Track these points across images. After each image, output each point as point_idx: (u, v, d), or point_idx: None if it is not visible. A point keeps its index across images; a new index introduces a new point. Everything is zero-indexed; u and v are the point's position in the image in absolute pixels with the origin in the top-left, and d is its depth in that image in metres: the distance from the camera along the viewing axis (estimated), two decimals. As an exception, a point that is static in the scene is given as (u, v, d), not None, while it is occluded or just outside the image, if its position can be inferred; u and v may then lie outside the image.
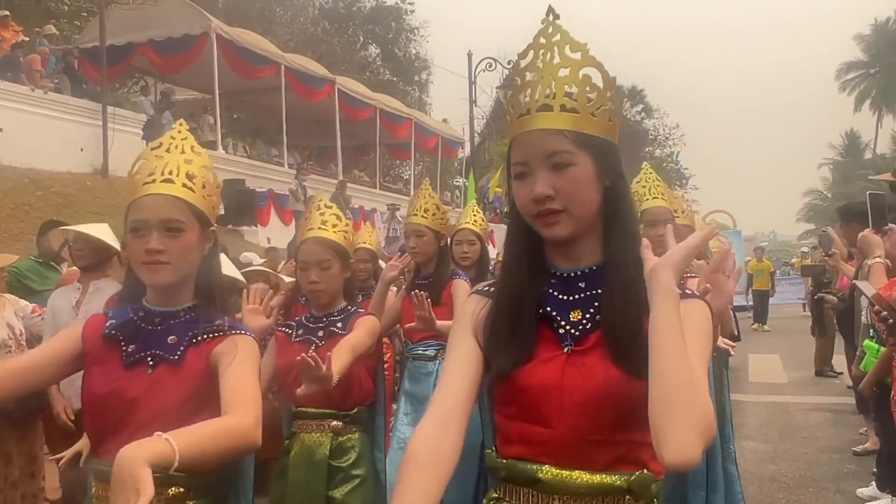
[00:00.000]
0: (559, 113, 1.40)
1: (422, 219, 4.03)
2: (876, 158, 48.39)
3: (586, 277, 1.47)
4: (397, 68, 38.91)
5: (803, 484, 5.69)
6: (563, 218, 1.40)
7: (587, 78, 1.42)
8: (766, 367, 11.64)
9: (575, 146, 1.39)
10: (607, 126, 1.43)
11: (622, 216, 1.45)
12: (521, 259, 1.49)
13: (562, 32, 1.44)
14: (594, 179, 1.41)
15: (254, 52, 18.87)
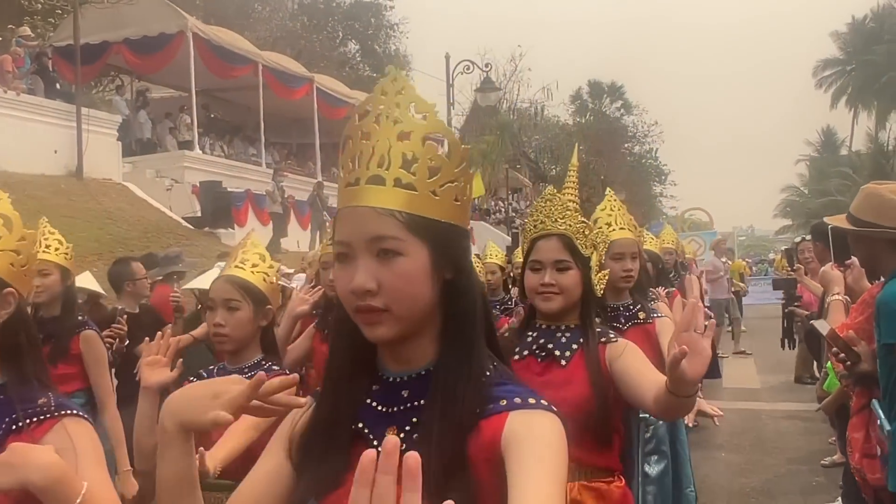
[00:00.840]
0: (392, 189, 1.17)
1: None
2: (852, 155, 48.91)
3: (411, 385, 1.23)
4: (377, 65, 38.79)
5: (772, 498, 5.77)
6: (386, 318, 1.17)
7: (431, 147, 1.19)
8: (740, 371, 11.75)
9: (407, 232, 1.16)
10: (453, 208, 1.20)
11: (461, 315, 1.22)
12: (343, 360, 1.27)
13: (407, 87, 1.22)
14: (428, 273, 1.17)
15: (231, 50, 18.75)
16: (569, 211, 2.30)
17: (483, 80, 16.64)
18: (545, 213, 2.32)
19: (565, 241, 2.27)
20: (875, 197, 2.69)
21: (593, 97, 47.83)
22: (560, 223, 2.28)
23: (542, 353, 2.26)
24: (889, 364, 2.64)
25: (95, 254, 11.02)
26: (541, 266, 2.27)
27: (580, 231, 2.29)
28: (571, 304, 2.26)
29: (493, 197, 38.52)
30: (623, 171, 42.91)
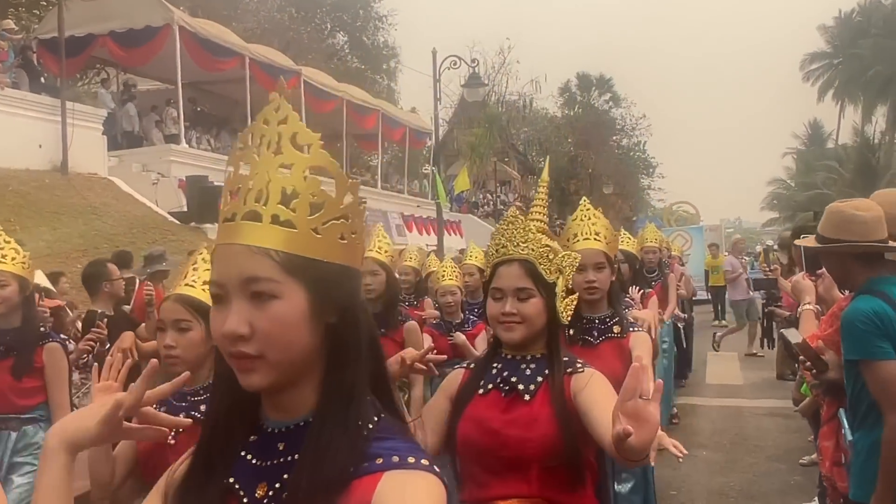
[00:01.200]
0: (269, 226, 1.09)
1: (376, 254, 3.94)
2: (838, 148, 49.18)
3: (289, 436, 1.14)
4: (365, 56, 38.72)
5: (750, 497, 5.84)
6: (260, 365, 1.08)
7: (314, 182, 1.12)
8: (724, 368, 11.85)
9: (283, 273, 1.08)
10: (337, 247, 1.13)
11: (343, 363, 1.14)
12: (221, 407, 1.18)
13: (290, 116, 1.14)
14: (306, 318, 1.10)
15: (217, 43, 18.64)
16: (531, 234, 2.17)
17: (470, 76, 16.64)
18: (507, 236, 2.19)
19: (527, 268, 2.13)
20: (838, 214, 2.73)
21: (582, 90, 47.86)
22: (522, 248, 2.15)
23: (507, 386, 2.11)
24: (852, 378, 2.69)
25: (80, 250, 10.99)
26: (502, 294, 2.13)
27: (543, 255, 2.15)
28: (535, 333, 2.13)
29: (482, 190, 38.55)
30: (611, 164, 42.99)
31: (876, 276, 2.68)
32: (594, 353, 2.87)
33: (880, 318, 2.55)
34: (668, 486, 6.06)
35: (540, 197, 2.58)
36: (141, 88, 20.24)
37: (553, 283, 2.15)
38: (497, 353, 2.21)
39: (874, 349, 2.54)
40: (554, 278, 2.15)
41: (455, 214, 29.63)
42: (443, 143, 34.28)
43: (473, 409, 2.08)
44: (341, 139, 25.80)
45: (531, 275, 2.12)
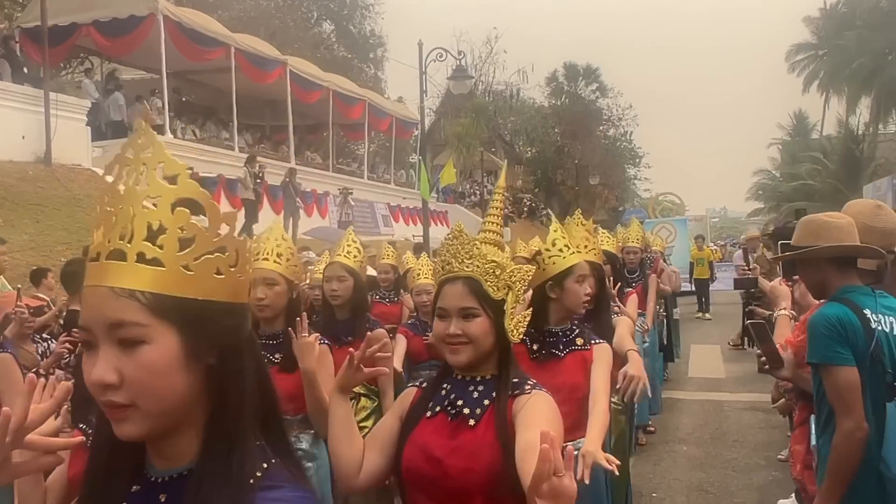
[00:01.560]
0: (134, 265, 1.02)
1: (274, 264, 3.22)
2: (822, 140, 49.47)
3: (171, 486, 1.07)
4: (352, 45, 38.55)
5: (729, 493, 5.93)
6: (132, 414, 1.02)
7: (182, 215, 1.05)
8: (707, 361, 11.96)
9: (151, 316, 1.01)
10: (213, 283, 1.05)
11: (224, 407, 1.07)
12: (101, 455, 1.11)
13: (155, 145, 1.07)
14: (181, 362, 1.03)
15: (202, 33, 18.56)
16: (476, 249, 2.04)
17: (456, 68, 16.63)
18: (452, 252, 2.08)
19: (472, 286, 2.01)
20: (812, 222, 2.81)
21: (569, 79, 47.83)
22: (467, 265, 2.03)
23: (453, 410, 2.00)
24: (816, 382, 2.76)
25: (64, 243, 10.95)
26: (447, 314, 2.02)
27: (490, 272, 2.03)
28: (483, 354, 2.01)
29: (468, 179, 38.55)
30: (597, 154, 43.09)
31: (849, 283, 2.74)
32: (560, 367, 2.91)
33: (843, 325, 2.61)
34: (648, 482, 6.14)
35: (495, 206, 2.43)
36: (125, 78, 20.12)
37: (501, 300, 2.03)
38: (448, 372, 2.09)
39: (833, 354, 2.61)
40: (502, 295, 2.04)
41: (441, 205, 29.66)
42: (430, 132, 34.29)
43: (419, 433, 2.00)
44: (327, 129, 25.75)
45: (476, 293, 2.01)
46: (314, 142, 27.69)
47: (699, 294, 17.73)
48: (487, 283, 2.02)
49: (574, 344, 3.00)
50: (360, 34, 39.03)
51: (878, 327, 2.63)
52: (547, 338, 2.99)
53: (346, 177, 25.05)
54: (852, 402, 2.57)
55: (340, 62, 35.14)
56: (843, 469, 2.58)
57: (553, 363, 2.93)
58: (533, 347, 2.96)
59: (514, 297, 2.07)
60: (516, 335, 2.05)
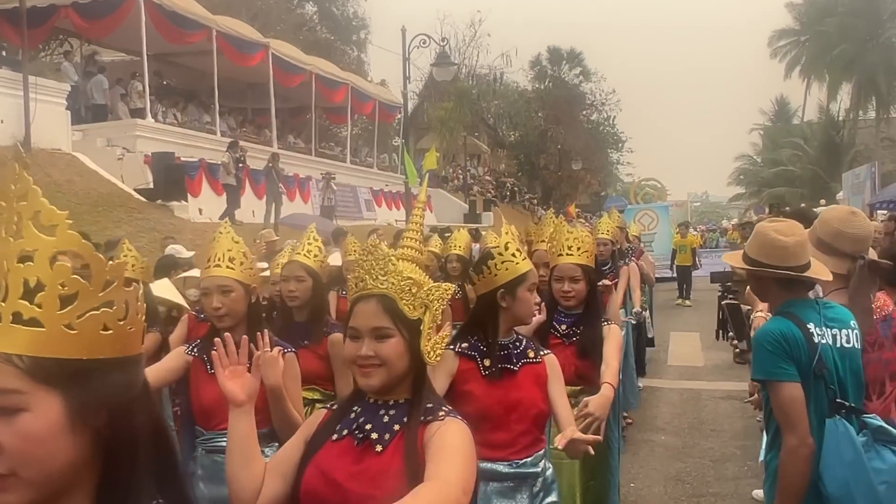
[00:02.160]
0: (10, 327, 0.94)
1: (227, 270, 3.04)
2: (803, 125, 49.80)
3: None
4: (335, 27, 38.32)
5: (705, 483, 6.04)
6: (13, 485, 0.95)
7: (62, 270, 0.96)
8: (686, 349, 12.10)
9: (29, 381, 0.94)
10: (100, 340, 0.98)
11: (115, 471, 1.01)
12: None
13: (31, 192, 0.99)
14: (65, 428, 0.96)
15: (183, 15, 18.39)
16: (391, 265, 1.93)
17: (439, 55, 16.60)
18: (366, 269, 1.95)
19: (385, 304, 1.90)
20: (762, 237, 2.78)
21: (552, 63, 47.78)
22: (381, 282, 1.91)
23: (360, 434, 1.89)
24: (764, 397, 2.78)
25: (44, 230, 10.87)
26: (358, 334, 1.91)
27: (406, 290, 1.92)
28: (396, 377, 1.90)
29: (452, 164, 38.51)
30: (581, 139, 43.18)
31: (793, 297, 2.75)
32: (515, 383, 2.74)
33: (787, 340, 2.61)
34: (626, 472, 6.23)
35: (414, 221, 2.30)
36: (105, 59, 19.90)
37: (417, 320, 1.92)
38: (360, 395, 1.97)
39: (777, 370, 2.60)
40: (418, 315, 1.93)
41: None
42: (413, 116, 34.18)
43: (323, 456, 1.89)
44: (310, 112, 25.63)
45: (389, 312, 1.89)
46: (297, 125, 27.56)
47: (680, 281, 17.87)
48: (403, 301, 1.91)
49: (526, 356, 2.81)
50: (342, 16, 38.79)
51: (822, 341, 2.63)
52: (499, 351, 2.78)
53: (329, 161, 24.98)
54: (796, 419, 2.56)
55: (323, 44, 34.92)
56: (792, 485, 2.59)
57: (507, 379, 2.74)
58: (484, 363, 2.75)
59: (432, 316, 1.95)
60: (433, 357, 1.93)
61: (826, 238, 3.00)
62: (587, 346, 3.50)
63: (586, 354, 3.51)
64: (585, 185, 45.66)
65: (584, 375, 3.51)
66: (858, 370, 2.70)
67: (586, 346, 3.52)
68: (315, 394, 3.64)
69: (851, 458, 2.55)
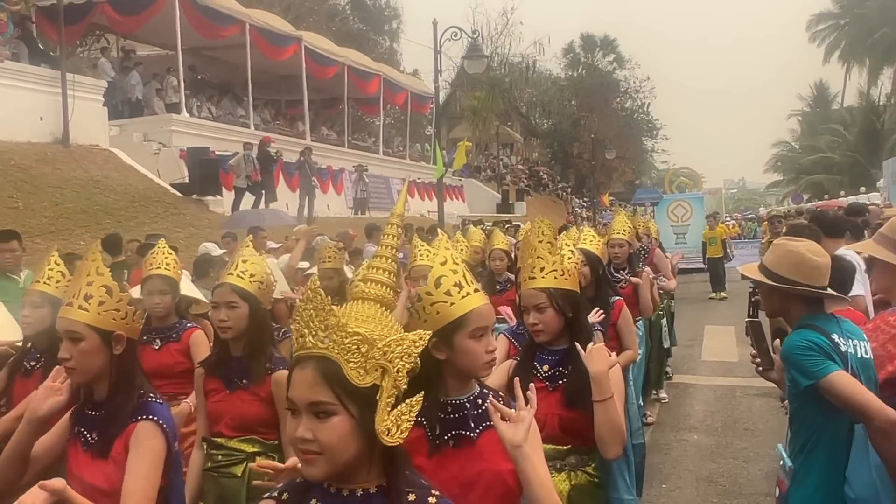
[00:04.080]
0: None
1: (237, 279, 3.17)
2: (843, 111, 48.86)
3: None
4: (367, 17, 38.37)
5: (737, 485, 5.99)
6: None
7: None
8: (720, 343, 11.96)
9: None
10: None
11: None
12: None
13: None
14: None
15: (217, 10, 18.56)
16: (333, 318, 1.49)
17: (470, 47, 16.58)
18: (305, 320, 1.51)
19: (326, 371, 1.46)
20: (794, 255, 2.79)
21: (586, 51, 47.44)
22: (322, 338, 1.48)
23: None
24: (796, 406, 2.79)
25: (83, 226, 11.10)
26: (296, 409, 1.48)
27: (353, 349, 1.48)
28: (346, 464, 1.49)
29: (484, 153, 38.44)
30: (614, 127, 42.85)
31: (812, 312, 2.79)
32: (473, 453, 2.05)
33: (815, 343, 2.65)
34: (658, 473, 6.22)
35: (386, 243, 1.81)
36: (140, 54, 20.17)
37: (371, 388, 1.48)
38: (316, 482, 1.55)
39: (820, 367, 2.61)
40: (372, 380, 1.48)
41: (457, 179, 29.63)
42: (445, 105, 34.15)
43: None
44: (342, 104, 25.75)
45: (331, 380, 1.46)
46: (329, 117, 27.70)
47: (712, 274, 17.63)
48: (350, 364, 1.47)
49: (489, 418, 2.03)
50: (374, 6, 38.84)
51: (848, 350, 2.68)
52: (449, 413, 2.09)
53: (362, 152, 25.09)
54: (863, 400, 2.56)
55: (355, 35, 35.00)
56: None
57: (464, 449, 2.07)
58: (430, 434, 2.08)
59: (393, 381, 1.51)
60: (395, 436, 1.49)
61: (893, 235, 3.10)
62: (574, 392, 2.70)
63: (574, 402, 2.70)
64: (619, 174, 45.34)
65: (573, 430, 2.73)
66: (875, 380, 2.75)
67: (573, 391, 2.72)
68: (254, 445, 3.09)
69: (878, 462, 2.61)
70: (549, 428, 2.64)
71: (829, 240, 4.98)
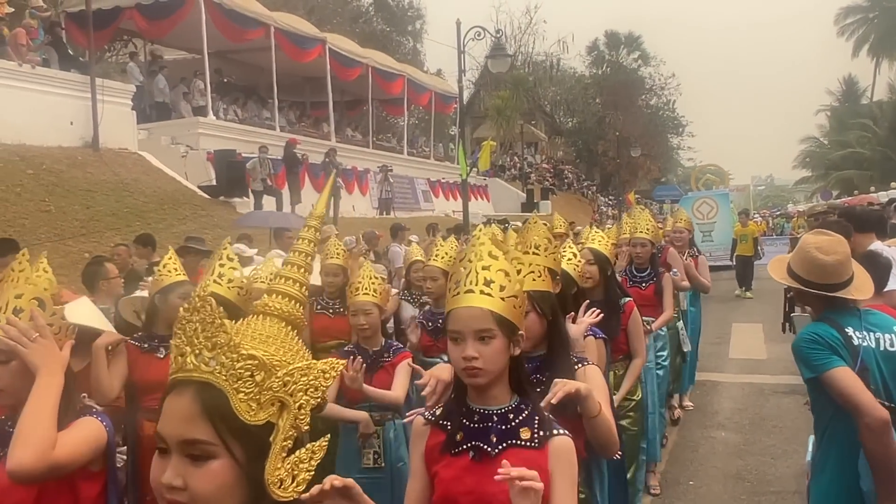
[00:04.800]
0: None
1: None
2: (872, 106, 48.19)
3: None
4: (390, 18, 38.51)
5: (765, 482, 5.96)
6: None
7: None
8: (748, 340, 11.88)
9: None
10: None
11: None
12: None
13: None
14: None
15: (242, 13, 18.76)
16: (224, 335, 1.18)
17: (494, 46, 16.60)
18: (188, 335, 1.20)
19: (206, 401, 1.15)
20: (804, 253, 2.87)
21: (610, 48, 47.26)
22: (207, 359, 1.17)
23: None
24: (813, 398, 2.91)
25: (113, 228, 11.27)
26: (165, 446, 1.17)
27: (244, 376, 1.17)
28: None
29: (508, 152, 38.40)
30: (639, 124, 42.64)
31: (832, 308, 2.86)
32: (493, 471, 1.69)
33: (822, 337, 2.72)
34: (685, 470, 6.21)
35: (300, 249, 1.41)
36: (168, 58, 20.43)
37: (264, 426, 1.18)
38: None
39: (822, 362, 2.68)
40: (265, 417, 1.18)
41: (481, 178, 29.65)
42: (469, 104, 34.18)
43: None
44: (367, 105, 25.87)
45: (212, 414, 1.15)
46: (354, 118, 27.84)
47: (741, 272, 17.44)
48: (240, 394, 1.16)
49: (515, 435, 1.90)
50: (398, 6, 38.96)
51: (863, 343, 2.72)
52: (475, 422, 1.93)
53: (386, 153, 25.19)
54: (858, 398, 2.60)
55: (379, 35, 35.16)
56: (884, 463, 2.61)
57: (484, 465, 1.87)
58: (456, 437, 1.94)
59: (292, 419, 1.20)
60: (289, 489, 1.18)
61: None
62: None
63: (554, 411, 2.27)
64: (645, 172, 45.06)
65: None
66: None
67: None
68: None
69: None
70: None
71: (860, 235, 4.97)
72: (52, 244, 9.98)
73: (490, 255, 1.94)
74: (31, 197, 11.16)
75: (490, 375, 1.90)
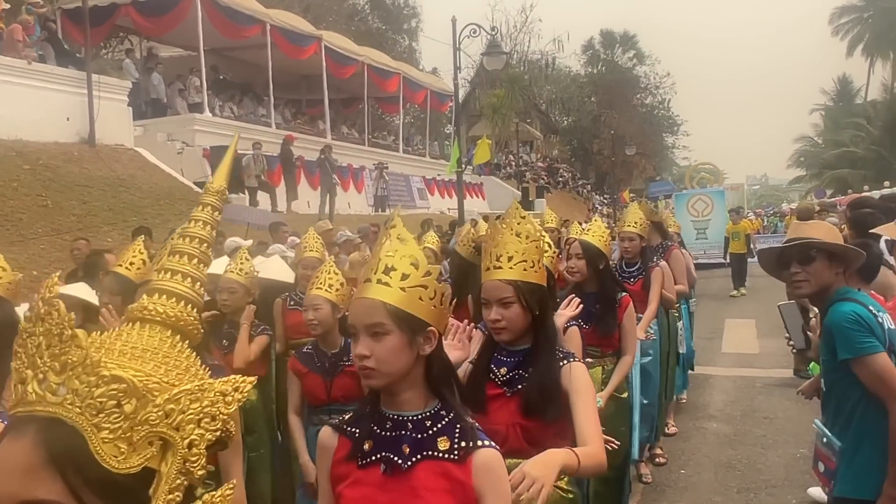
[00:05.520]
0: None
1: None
2: (866, 105, 48.39)
3: None
4: (386, 16, 38.57)
5: (756, 470, 6.05)
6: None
7: None
8: (741, 335, 11.97)
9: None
10: None
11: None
12: None
13: None
14: None
15: (238, 11, 18.80)
16: (78, 350, 0.82)
17: (489, 44, 16.65)
18: (29, 354, 0.84)
19: (56, 447, 0.81)
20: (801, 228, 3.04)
21: (605, 47, 47.38)
22: (55, 387, 0.83)
23: None
24: (839, 379, 2.86)
25: (110, 223, 11.31)
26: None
27: (113, 406, 0.82)
28: None
29: (504, 150, 38.48)
30: (634, 123, 42.77)
31: (844, 286, 2.91)
32: (407, 487, 1.65)
33: (863, 318, 2.74)
34: (676, 459, 6.29)
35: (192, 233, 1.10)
36: (163, 55, 20.46)
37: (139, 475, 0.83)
38: None
39: (865, 344, 2.72)
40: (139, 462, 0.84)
41: (476, 177, 29.71)
42: (465, 103, 34.29)
43: None
44: (363, 102, 25.92)
45: (63, 464, 0.81)
46: (350, 115, 27.89)
47: (734, 270, 17.48)
48: (103, 433, 0.81)
49: (432, 446, 1.68)
50: (393, 5, 39.02)
51: (887, 325, 2.79)
52: (386, 430, 1.72)
53: (382, 150, 25.25)
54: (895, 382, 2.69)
55: (374, 34, 35.21)
56: None
57: (395, 478, 1.67)
58: (363, 447, 1.72)
59: (181, 463, 0.85)
60: None
61: None
62: (533, 399, 2.35)
63: (533, 410, 2.35)
64: (640, 170, 45.19)
65: (537, 441, 2.29)
66: None
67: (532, 398, 2.36)
68: None
69: None
70: (511, 440, 2.32)
71: None
72: (49, 238, 10.03)
73: (398, 239, 1.73)
74: (28, 192, 11.20)
75: (386, 377, 1.66)
